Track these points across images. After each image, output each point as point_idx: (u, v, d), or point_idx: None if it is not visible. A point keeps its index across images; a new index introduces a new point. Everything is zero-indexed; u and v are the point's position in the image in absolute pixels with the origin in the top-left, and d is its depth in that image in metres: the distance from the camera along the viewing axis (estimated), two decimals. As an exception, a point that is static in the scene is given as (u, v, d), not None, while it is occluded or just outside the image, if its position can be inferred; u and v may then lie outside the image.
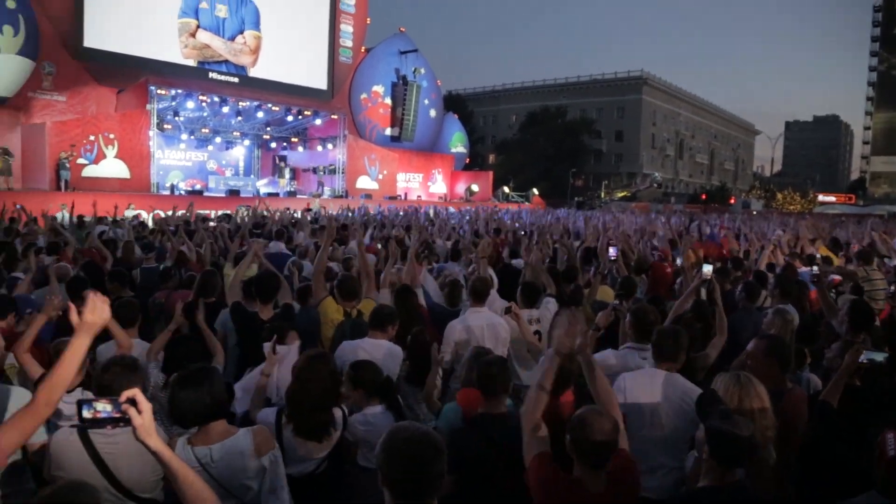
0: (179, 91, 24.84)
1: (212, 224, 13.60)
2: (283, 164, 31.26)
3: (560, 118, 66.15)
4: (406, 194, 34.82)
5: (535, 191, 43.74)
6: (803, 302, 6.15)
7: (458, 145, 40.64)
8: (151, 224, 14.12)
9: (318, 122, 30.48)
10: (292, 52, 31.38)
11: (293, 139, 31.16)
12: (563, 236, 11.80)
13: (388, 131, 35.79)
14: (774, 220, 21.23)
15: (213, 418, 2.65)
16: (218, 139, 29.98)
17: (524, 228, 14.15)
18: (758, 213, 41.02)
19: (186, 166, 29.67)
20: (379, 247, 9.02)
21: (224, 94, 26.72)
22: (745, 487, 2.54)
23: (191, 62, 28.02)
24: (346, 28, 34.19)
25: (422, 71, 36.46)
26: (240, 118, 28.99)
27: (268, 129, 30.86)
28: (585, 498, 2.46)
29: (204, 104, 26.27)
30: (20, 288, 5.54)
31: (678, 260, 6.73)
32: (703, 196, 62.84)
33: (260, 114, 28.40)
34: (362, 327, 4.44)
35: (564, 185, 58.64)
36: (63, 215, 15.24)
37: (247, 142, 31.50)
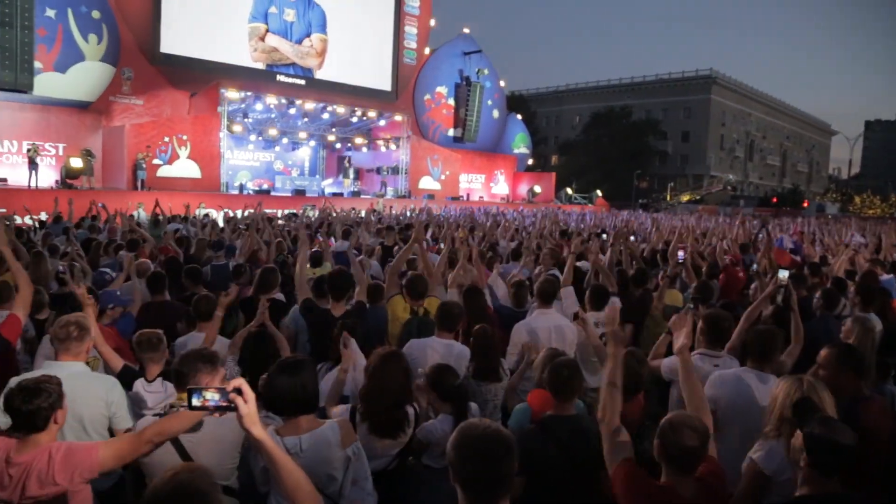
0: (249, 94, 25.55)
1: (280, 222, 13.94)
2: (348, 165, 31.78)
3: (625, 119, 64.97)
4: (468, 195, 34.87)
5: (599, 192, 43.06)
6: (886, 311, 5.84)
7: (521, 146, 40.43)
8: (221, 222, 14.55)
9: (382, 123, 30.87)
10: (357, 55, 31.85)
11: (357, 140, 31.61)
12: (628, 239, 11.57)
13: (451, 132, 35.90)
14: (852, 225, 20.30)
15: (304, 410, 2.71)
16: (284, 140, 30.75)
17: (590, 230, 13.97)
18: (833, 218, 39.30)
19: (254, 166, 30.57)
20: (441, 246, 9.04)
21: (291, 97, 27.34)
22: (847, 498, 2.42)
23: (260, 65, 28.80)
24: (411, 30, 34.49)
25: (485, 71, 36.42)
26: (306, 119, 29.69)
27: (333, 130, 31.40)
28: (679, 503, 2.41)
29: (272, 106, 26.97)
30: (115, 284, 5.78)
31: (755, 266, 6.50)
32: (774, 199, 60.68)
33: (325, 115, 28.96)
34: (429, 325, 4.46)
35: (628, 187, 57.58)
36: (139, 213, 15.90)
37: (312, 143, 32.21)
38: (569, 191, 42.77)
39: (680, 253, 7.41)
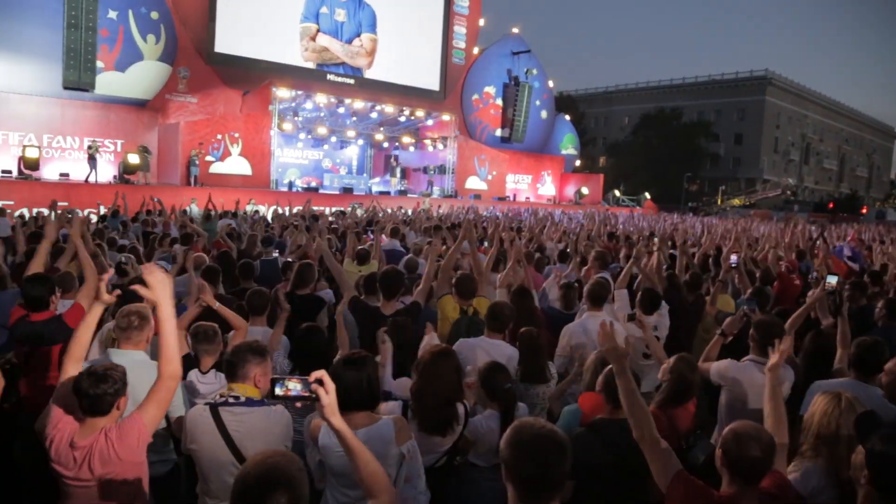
0: (299, 93, 25.97)
1: (330, 219, 14.11)
2: (395, 164, 31.99)
3: (675, 120, 63.70)
4: (514, 195, 34.75)
5: (647, 195, 42.38)
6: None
7: (569, 147, 40.05)
8: (270, 219, 14.81)
9: (430, 123, 30.98)
10: (406, 54, 32.04)
11: (405, 139, 31.80)
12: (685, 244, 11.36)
13: (499, 132, 35.79)
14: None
15: (365, 405, 2.73)
16: (333, 138, 31.14)
17: (639, 233, 13.77)
18: (895, 225, 37.81)
19: (303, 164, 31.06)
20: (485, 245, 9.04)
21: (340, 96, 27.70)
22: None
23: (310, 65, 29.22)
24: (460, 29, 34.52)
25: (534, 72, 36.20)
26: (354, 118, 30.01)
27: (380, 129, 31.67)
28: None
29: (321, 105, 27.34)
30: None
31: (813, 273, 6.29)
32: (831, 205, 58.59)
33: (373, 114, 29.22)
34: (478, 326, 4.45)
35: (678, 190, 56.48)
36: (192, 209, 16.30)
37: (360, 141, 32.54)
38: (617, 193, 42.22)
39: (733, 257, 7.25)
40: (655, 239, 10.45)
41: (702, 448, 2.99)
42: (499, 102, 35.84)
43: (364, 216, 15.77)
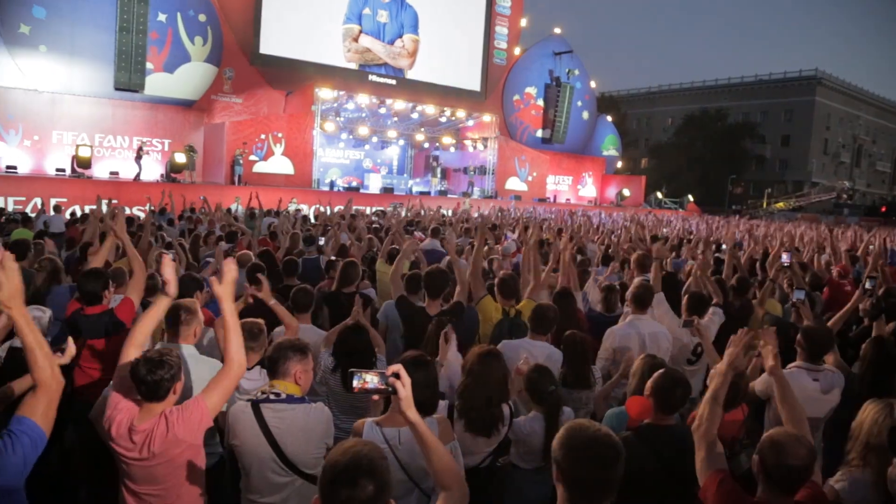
0: (341, 93, 26.24)
1: (373, 218, 14.20)
2: (435, 164, 32.07)
3: (720, 121, 62.42)
4: (555, 197, 34.52)
5: (690, 197, 41.66)
6: None
7: (611, 148, 39.62)
8: (313, 218, 14.96)
9: (471, 123, 30.99)
10: (448, 55, 32.11)
11: (445, 139, 31.87)
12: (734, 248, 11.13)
13: (540, 133, 35.60)
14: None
15: (426, 407, 2.70)
16: (374, 139, 31.38)
17: (678, 236, 13.54)
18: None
19: (344, 164, 31.37)
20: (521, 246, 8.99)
21: (382, 96, 27.89)
22: None
23: (353, 65, 29.49)
24: (501, 30, 34.43)
25: (576, 72, 35.90)
26: (395, 119, 30.21)
27: (421, 130, 31.80)
28: None
29: (363, 106, 27.58)
30: (205, 272, 6.07)
31: (868, 282, 6.05)
32: (883, 208, 56.67)
33: (414, 115, 29.35)
34: (521, 327, 4.43)
35: (722, 193, 55.38)
36: (237, 207, 16.57)
37: (401, 142, 32.73)
38: (659, 195, 41.61)
39: (784, 256, 7.08)
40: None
41: (749, 455, 2.93)
42: (540, 103, 35.65)
43: (407, 216, 15.82)
